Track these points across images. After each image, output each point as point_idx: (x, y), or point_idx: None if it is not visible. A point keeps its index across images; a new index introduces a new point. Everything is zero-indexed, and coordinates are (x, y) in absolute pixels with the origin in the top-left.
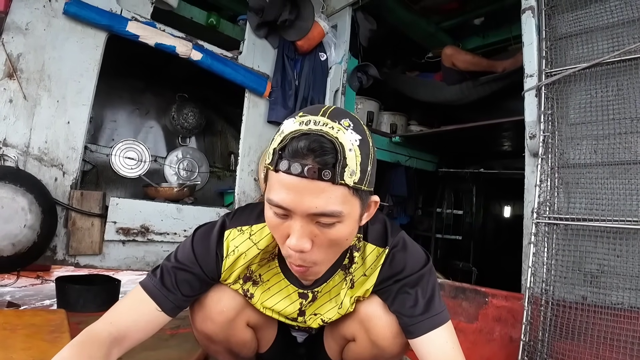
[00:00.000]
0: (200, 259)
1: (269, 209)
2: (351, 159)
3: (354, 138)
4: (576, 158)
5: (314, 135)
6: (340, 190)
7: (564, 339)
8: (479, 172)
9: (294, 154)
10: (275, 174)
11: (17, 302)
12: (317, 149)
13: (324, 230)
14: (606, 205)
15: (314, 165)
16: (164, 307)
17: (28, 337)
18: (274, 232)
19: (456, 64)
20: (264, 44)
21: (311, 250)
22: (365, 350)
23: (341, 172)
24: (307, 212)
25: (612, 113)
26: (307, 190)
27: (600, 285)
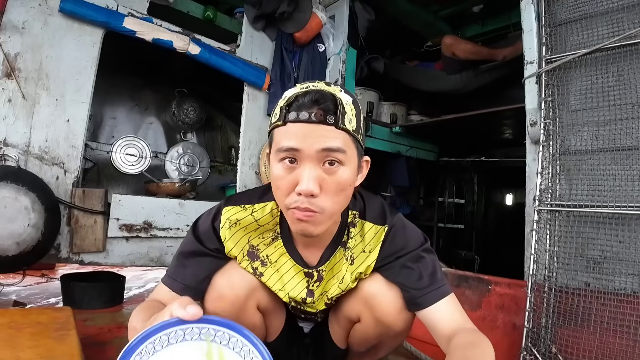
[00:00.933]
0: (203, 237)
1: (276, 164)
2: (348, 110)
3: (347, 97)
4: (577, 145)
5: (315, 90)
6: (342, 134)
7: (567, 325)
8: (480, 161)
9: (300, 106)
10: (283, 128)
11: (22, 301)
12: (320, 100)
13: (330, 174)
14: (608, 191)
15: (319, 111)
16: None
17: (35, 336)
18: (280, 185)
19: (456, 53)
20: (261, 37)
21: (319, 195)
22: (370, 329)
23: (342, 118)
24: (317, 148)
25: (613, 99)
26: (315, 132)
27: (602, 271)
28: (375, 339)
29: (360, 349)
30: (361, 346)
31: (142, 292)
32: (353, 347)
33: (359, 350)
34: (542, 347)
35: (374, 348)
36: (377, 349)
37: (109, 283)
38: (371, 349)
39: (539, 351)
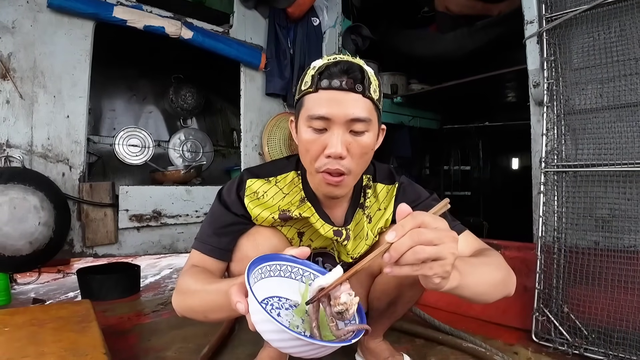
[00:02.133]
0: (230, 203)
1: (306, 128)
2: (373, 80)
3: (370, 69)
4: (582, 104)
5: (345, 61)
6: (368, 102)
7: (578, 284)
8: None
9: (331, 75)
10: (314, 95)
11: (41, 297)
12: (349, 70)
13: (356, 138)
14: (614, 149)
15: (349, 80)
16: (212, 254)
17: (57, 330)
18: (310, 148)
19: (450, 8)
20: (254, 15)
21: (346, 157)
22: (391, 279)
23: (368, 87)
24: (347, 117)
25: (616, 55)
26: (345, 100)
27: (612, 230)
28: (395, 289)
29: (380, 304)
30: (382, 301)
31: (157, 280)
32: (373, 304)
33: (379, 307)
34: (554, 307)
35: (392, 304)
36: (396, 304)
37: (125, 273)
38: (390, 305)
39: (551, 311)
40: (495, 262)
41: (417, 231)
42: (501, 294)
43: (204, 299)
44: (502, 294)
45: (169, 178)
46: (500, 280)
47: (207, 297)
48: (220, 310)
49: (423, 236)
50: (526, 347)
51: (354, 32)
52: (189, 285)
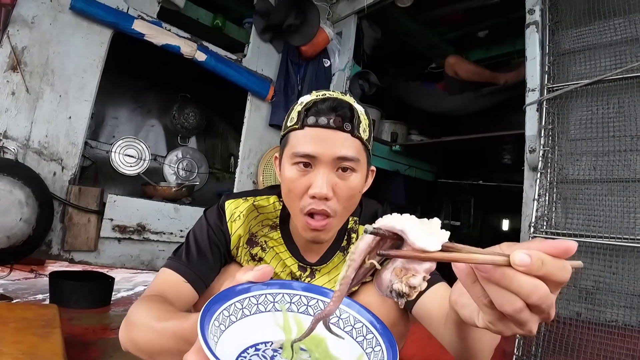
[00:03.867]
0: (213, 225)
1: (290, 167)
2: (362, 119)
3: (361, 107)
4: (575, 174)
5: (333, 98)
6: (356, 142)
7: (557, 354)
8: (478, 184)
9: (318, 111)
10: (300, 132)
11: (9, 295)
12: (338, 107)
13: (342, 179)
14: (603, 222)
15: (337, 118)
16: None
17: (19, 331)
18: (293, 187)
19: (459, 73)
20: (268, 48)
21: (332, 199)
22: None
23: (357, 126)
24: (333, 156)
25: (613, 130)
26: (332, 138)
27: (595, 302)
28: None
29: None
30: None
31: (130, 295)
32: None
33: None
34: None
35: None
36: None
37: (98, 283)
38: None
39: None
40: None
41: (546, 292)
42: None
43: (148, 336)
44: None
45: (159, 193)
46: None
47: (152, 335)
48: (168, 356)
49: (543, 300)
50: None
51: (362, 78)
52: (138, 316)
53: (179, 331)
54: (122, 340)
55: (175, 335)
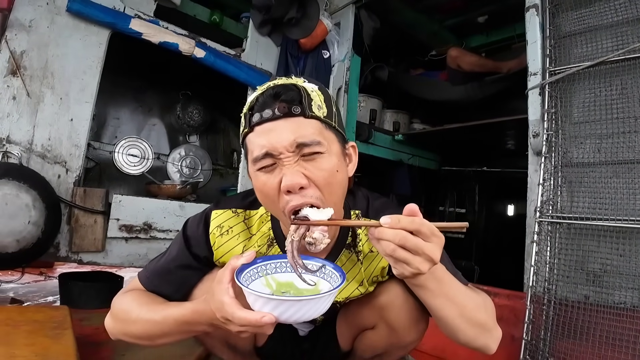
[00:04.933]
0: (193, 242)
1: (256, 173)
2: (315, 96)
3: (312, 85)
4: (579, 157)
5: (277, 85)
6: (313, 122)
7: (566, 338)
8: (482, 171)
9: (262, 105)
10: (251, 134)
11: (20, 298)
12: (281, 92)
13: (311, 163)
14: (609, 204)
15: (282, 104)
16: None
17: (31, 334)
18: (266, 191)
19: (461, 66)
20: (267, 42)
21: (309, 186)
22: (383, 338)
23: (309, 106)
24: (288, 145)
25: (616, 112)
26: (283, 127)
27: (603, 285)
28: (383, 348)
29: (364, 354)
30: (366, 352)
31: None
32: (357, 352)
33: (363, 355)
34: (540, 359)
35: (377, 356)
36: (381, 357)
37: (107, 283)
38: (374, 357)
39: None
40: (482, 304)
41: (404, 235)
42: (475, 336)
43: (149, 328)
44: (477, 338)
45: (164, 192)
46: (478, 319)
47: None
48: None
49: (405, 242)
50: None
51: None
52: (131, 311)
53: (180, 318)
54: (113, 332)
55: (176, 321)
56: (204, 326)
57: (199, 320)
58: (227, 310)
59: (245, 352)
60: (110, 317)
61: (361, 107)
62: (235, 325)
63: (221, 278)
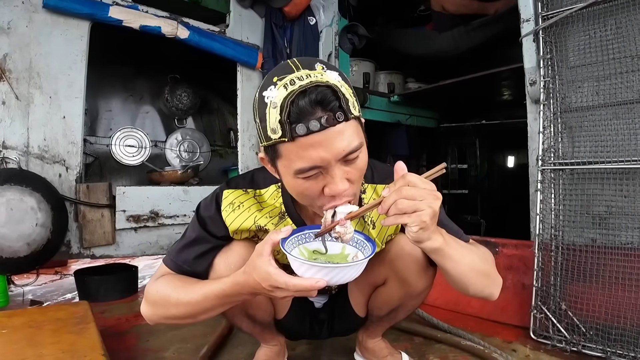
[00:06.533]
0: (208, 221)
1: (296, 180)
2: (346, 91)
3: (335, 75)
4: (578, 101)
5: (309, 88)
6: (353, 124)
7: (575, 281)
8: (481, 125)
9: (302, 114)
10: (292, 144)
11: (39, 299)
12: (320, 99)
13: (351, 165)
14: (611, 146)
15: (327, 114)
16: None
17: (55, 332)
18: (306, 195)
19: (446, 7)
20: (250, 14)
21: (349, 187)
22: (394, 290)
23: (347, 108)
24: (339, 156)
25: (612, 52)
26: (331, 137)
27: (609, 227)
28: (398, 300)
29: (380, 312)
30: (382, 309)
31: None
32: (373, 312)
33: (379, 314)
34: (551, 304)
35: (394, 311)
36: (397, 311)
37: (122, 274)
38: (391, 312)
39: (549, 309)
40: (484, 256)
41: (402, 188)
42: (484, 287)
43: (190, 308)
44: (485, 288)
45: (166, 178)
46: (484, 271)
47: (192, 306)
48: (212, 312)
49: (405, 192)
50: (524, 345)
51: (351, 31)
52: (168, 295)
53: (220, 292)
54: (152, 318)
55: (217, 296)
56: (246, 296)
57: (241, 292)
58: (278, 279)
59: (265, 323)
60: (146, 304)
61: (353, 72)
62: (284, 291)
63: (261, 251)
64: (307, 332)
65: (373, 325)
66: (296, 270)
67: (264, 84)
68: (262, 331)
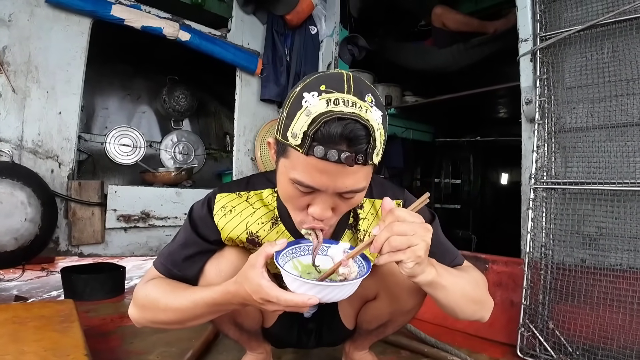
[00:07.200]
0: (200, 225)
1: (289, 184)
2: (378, 139)
3: (378, 116)
4: (573, 122)
5: (349, 120)
6: (367, 168)
7: (564, 301)
8: (476, 141)
9: (328, 139)
10: (304, 157)
11: (24, 295)
12: (353, 137)
13: (345, 200)
14: (603, 168)
15: (350, 154)
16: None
17: (39, 329)
18: (290, 202)
19: (446, 24)
20: (252, 20)
21: (332, 217)
22: (385, 307)
23: (371, 154)
24: (339, 190)
25: (608, 75)
26: (340, 174)
27: (598, 248)
28: (387, 315)
29: (370, 326)
30: (371, 324)
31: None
32: (362, 325)
33: (368, 328)
34: (539, 323)
35: (383, 326)
36: (386, 326)
37: (110, 274)
38: (380, 327)
39: (536, 327)
40: (476, 281)
41: (393, 224)
42: (474, 313)
43: (179, 314)
44: (475, 313)
45: (159, 179)
46: (475, 298)
47: (181, 313)
48: (200, 319)
49: (397, 228)
50: None
51: (351, 42)
52: (158, 300)
53: (210, 300)
54: (140, 322)
55: (207, 304)
56: (236, 306)
57: (231, 301)
58: (269, 292)
59: (252, 331)
60: (135, 307)
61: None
62: (275, 305)
63: (254, 262)
64: (294, 341)
65: (361, 338)
66: (289, 285)
67: (310, 83)
68: (248, 339)
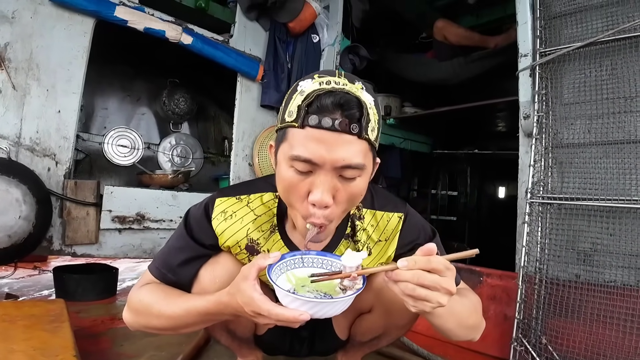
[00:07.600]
0: (196, 230)
1: (288, 168)
2: (372, 115)
3: (370, 98)
4: (570, 138)
5: (339, 92)
6: (363, 144)
7: (557, 316)
8: (474, 153)
9: (322, 109)
10: (300, 131)
11: (15, 293)
12: (345, 105)
13: (345, 184)
14: (600, 184)
15: (344, 119)
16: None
17: (28, 328)
18: (291, 191)
19: (448, 38)
20: (255, 27)
21: (332, 206)
22: (380, 320)
23: (365, 126)
24: (335, 164)
25: (606, 92)
26: (336, 142)
27: (593, 264)
28: (381, 328)
29: (363, 338)
30: (365, 335)
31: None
32: (356, 337)
33: (361, 339)
34: (532, 338)
35: (376, 338)
36: (380, 339)
37: (102, 275)
38: (374, 339)
39: (529, 342)
40: (474, 307)
41: (422, 274)
42: (467, 336)
43: (172, 321)
44: (467, 336)
45: (155, 181)
46: (469, 325)
47: (174, 320)
48: (192, 327)
49: (423, 280)
50: None
51: (352, 52)
52: (151, 305)
53: (203, 310)
54: (134, 326)
55: (199, 313)
56: (228, 316)
57: (223, 312)
58: (261, 306)
59: (244, 338)
60: (129, 311)
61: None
62: (266, 319)
63: (247, 274)
64: (286, 349)
65: (354, 349)
66: (281, 300)
67: (304, 77)
68: (240, 345)
